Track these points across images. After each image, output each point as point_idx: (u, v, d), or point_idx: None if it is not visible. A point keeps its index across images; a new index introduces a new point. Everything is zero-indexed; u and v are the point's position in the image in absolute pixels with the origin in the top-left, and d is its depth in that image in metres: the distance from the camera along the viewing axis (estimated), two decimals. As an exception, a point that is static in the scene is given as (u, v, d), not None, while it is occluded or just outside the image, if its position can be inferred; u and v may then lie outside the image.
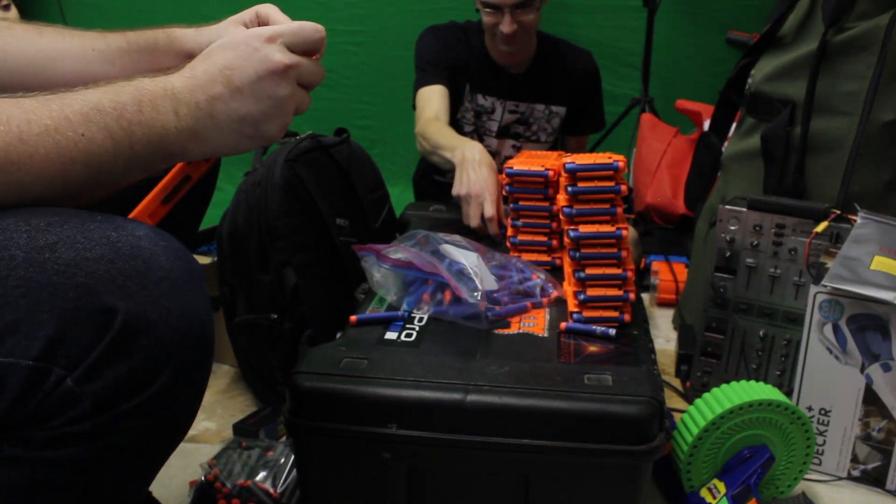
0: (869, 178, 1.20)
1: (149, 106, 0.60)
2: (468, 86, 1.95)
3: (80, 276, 0.50)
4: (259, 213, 1.17)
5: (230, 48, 0.66)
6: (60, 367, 0.49)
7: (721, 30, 2.68)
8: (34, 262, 0.49)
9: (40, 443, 0.51)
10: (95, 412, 0.51)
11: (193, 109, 0.62)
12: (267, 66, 0.66)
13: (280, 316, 1.17)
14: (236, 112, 0.65)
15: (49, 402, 0.49)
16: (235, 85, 0.64)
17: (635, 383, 0.82)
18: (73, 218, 0.53)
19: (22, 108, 0.54)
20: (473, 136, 1.99)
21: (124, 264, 0.52)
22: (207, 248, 1.60)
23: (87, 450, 0.52)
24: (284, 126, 0.69)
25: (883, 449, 1.06)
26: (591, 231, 0.97)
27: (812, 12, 1.27)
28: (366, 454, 0.82)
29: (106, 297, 0.50)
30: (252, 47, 0.66)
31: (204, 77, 0.64)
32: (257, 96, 0.65)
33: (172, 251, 0.55)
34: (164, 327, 0.52)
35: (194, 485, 0.99)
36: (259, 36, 0.67)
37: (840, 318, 1.04)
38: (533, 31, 1.88)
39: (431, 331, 0.94)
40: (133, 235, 0.53)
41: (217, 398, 1.32)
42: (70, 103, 0.56)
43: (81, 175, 0.56)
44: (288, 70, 0.67)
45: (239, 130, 0.65)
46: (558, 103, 1.98)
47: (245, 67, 0.65)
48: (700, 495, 0.96)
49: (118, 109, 0.58)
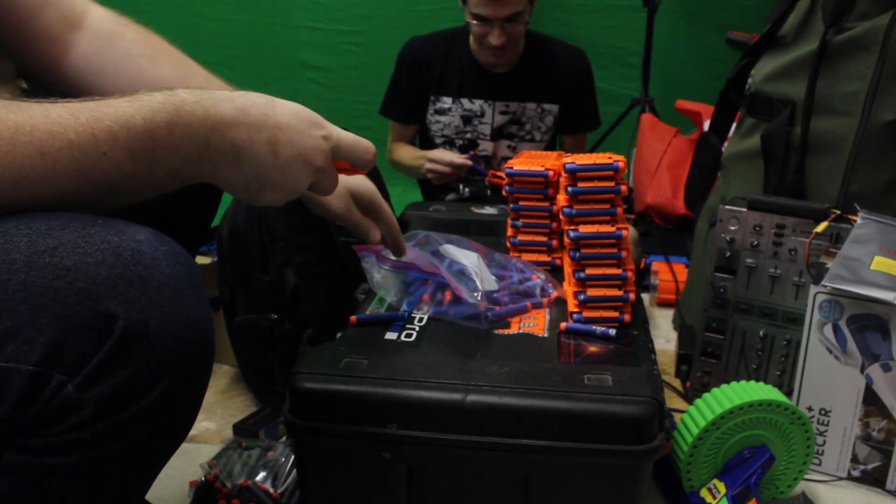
0: (869, 178, 1.20)
1: (182, 130, 0.58)
2: (453, 92, 1.96)
3: (80, 281, 0.49)
4: (259, 213, 1.17)
5: (294, 115, 0.66)
6: (61, 373, 0.49)
7: (721, 30, 2.68)
8: (35, 266, 0.49)
9: (41, 449, 0.50)
10: (96, 418, 0.50)
11: (227, 144, 0.61)
12: (309, 156, 0.66)
13: (280, 316, 1.17)
14: (260, 168, 0.64)
15: (50, 409, 0.49)
16: (277, 147, 0.64)
17: (635, 383, 0.82)
18: (74, 222, 0.52)
19: (49, 119, 0.52)
20: (458, 143, 2.00)
21: (125, 269, 0.51)
22: (207, 248, 1.60)
23: (88, 456, 0.51)
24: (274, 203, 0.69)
25: (883, 449, 1.06)
26: (591, 231, 0.97)
27: (812, 12, 1.27)
28: (366, 454, 0.82)
29: (107, 302, 0.50)
30: (310, 132, 0.67)
31: (255, 119, 0.63)
32: (284, 171, 0.65)
33: (173, 256, 0.55)
34: (164, 333, 0.52)
35: (194, 485, 0.99)
36: (321, 127, 0.68)
37: (840, 319, 1.04)
38: (521, 38, 1.89)
39: (431, 331, 0.94)
40: (134, 240, 0.53)
41: (217, 398, 1.32)
42: (101, 117, 0.54)
43: (93, 192, 0.55)
44: (317, 173, 0.68)
45: (248, 182, 0.65)
46: (549, 101, 1.98)
47: (294, 140, 0.65)
48: (700, 495, 0.96)
49: (149, 130, 0.56)
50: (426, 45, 1.99)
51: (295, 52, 2.87)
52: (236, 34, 2.86)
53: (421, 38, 2.00)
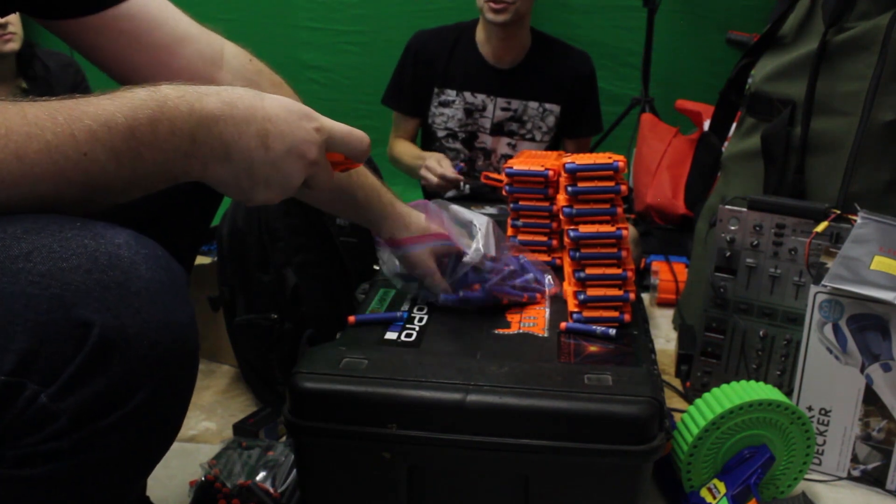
0: (869, 178, 1.20)
1: (165, 126, 0.55)
2: (457, 85, 1.97)
3: (54, 288, 0.47)
4: (259, 213, 1.17)
5: (284, 107, 0.63)
6: (34, 383, 0.47)
7: (721, 30, 2.68)
8: (7, 271, 0.47)
9: (15, 460, 0.48)
10: (73, 428, 0.49)
11: (214, 140, 0.59)
12: (301, 149, 0.64)
13: (280, 316, 1.17)
14: (251, 162, 0.61)
15: (23, 419, 0.47)
16: (267, 141, 0.61)
17: (635, 383, 0.82)
18: (51, 225, 0.50)
19: (25, 120, 0.50)
20: (460, 136, 2.01)
21: (101, 275, 0.49)
22: (207, 248, 1.60)
23: (66, 466, 0.50)
24: (269, 201, 0.66)
25: (883, 449, 1.06)
26: (591, 231, 0.97)
27: (812, 12, 1.27)
28: (366, 454, 0.82)
29: (81, 309, 0.48)
30: (301, 123, 0.64)
31: (243, 112, 0.60)
32: (276, 165, 0.63)
33: (154, 259, 0.53)
34: (142, 340, 0.50)
35: (194, 485, 0.99)
36: (313, 119, 0.65)
37: (840, 318, 1.04)
38: (525, 17, 1.88)
39: (431, 331, 0.94)
40: (112, 244, 0.51)
41: (217, 398, 1.32)
42: (80, 116, 0.52)
43: (75, 194, 0.53)
44: (310, 167, 0.65)
45: (238, 176, 0.62)
46: (552, 101, 1.98)
47: (284, 133, 0.62)
48: (700, 495, 0.96)
49: (131, 128, 0.54)
50: (433, 38, 2.00)
51: (295, 52, 2.87)
52: (236, 34, 2.84)
53: (429, 31, 2.02)
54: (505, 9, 1.81)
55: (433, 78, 1.99)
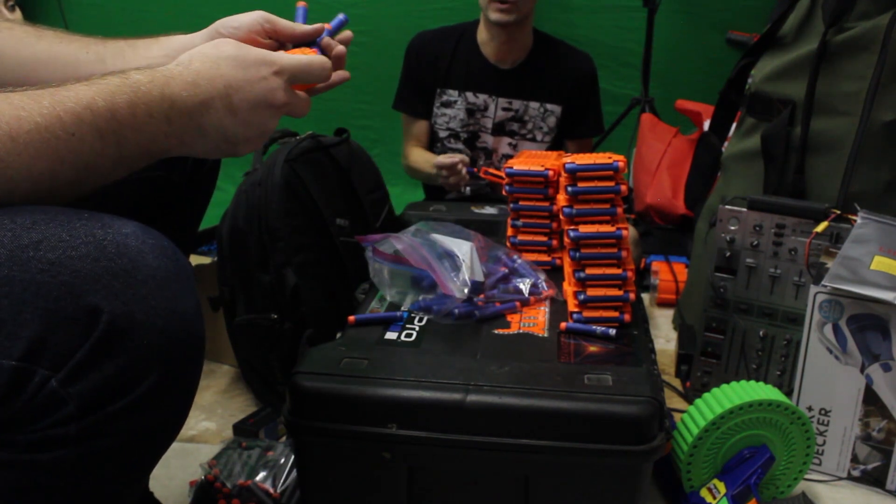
0: (869, 178, 1.20)
1: (143, 110, 0.59)
2: (459, 85, 1.97)
3: (63, 275, 0.49)
4: (259, 213, 1.17)
5: (239, 66, 0.66)
6: (45, 368, 0.48)
7: (721, 30, 2.68)
8: (18, 260, 0.48)
9: (25, 445, 0.49)
10: (81, 414, 0.50)
11: (186, 119, 0.63)
12: (267, 99, 0.67)
13: (280, 316, 1.17)
14: (224, 129, 0.65)
15: (34, 404, 0.49)
16: (233, 105, 0.65)
17: (635, 383, 0.82)
18: (59, 216, 0.52)
19: (12, 105, 0.53)
20: (462, 136, 2.01)
21: (110, 263, 0.51)
22: (207, 248, 1.60)
23: (74, 452, 0.51)
24: (255, 148, 0.70)
25: (883, 449, 1.06)
26: (591, 231, 0.97)
27: (812, 12, 1.27)
28: (366, 454, 0.82)
29: (90, 296, 0.49)
30: (260, 75, 0.67)
31: (206, 88, 0.64)
32: (247, 122, 0.67)
33: (160, 249, 0.54)
34: (150, 327, 0.51)
35: (194, 485, 0.99)
36: (269, 64, 0.68)
37: (840, 318, 1.04)
38: (528, 17, 1.88)
39: (431, 331, 0.94)
40: (120, 233, 0.52)
41: (217, 398, 1.32)
42: (62, 100, 0.55)
43: (69, 174, 0.56)
44: (282, 108, 0.69)
45: (218, 144, 0.66)
46: (553, 101, 1.98)
47: (246, 92, 0.66)
48: (700, 495, 0.96)
49: (111, 111, 0.57)
50: (434, 39, 2.00)
51: (295, 53, 2.87)
52: (236, 34, 2.85)
53: (429, 32, 2.03)
54: (510, 8, 1.81)
55: (436, 78, 1.99)
